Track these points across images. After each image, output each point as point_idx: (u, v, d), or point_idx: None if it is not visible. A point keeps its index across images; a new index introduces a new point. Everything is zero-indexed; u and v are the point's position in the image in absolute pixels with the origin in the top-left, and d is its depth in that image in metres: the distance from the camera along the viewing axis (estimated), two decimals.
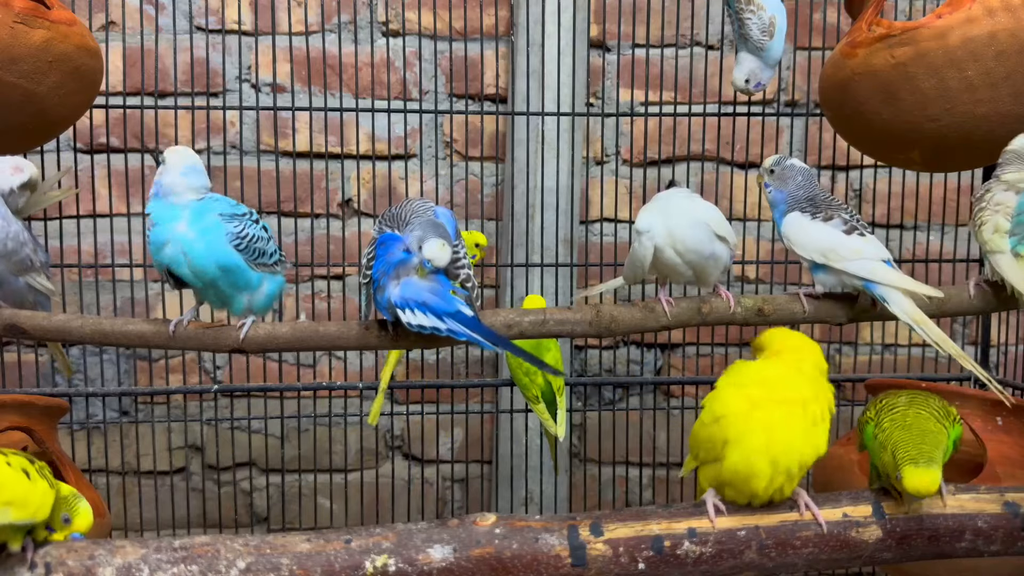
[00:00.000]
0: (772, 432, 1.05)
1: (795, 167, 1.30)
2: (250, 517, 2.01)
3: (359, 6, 1.92)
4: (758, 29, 1.35)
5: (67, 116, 1.33)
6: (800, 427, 1.06)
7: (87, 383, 1.86)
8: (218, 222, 1.17)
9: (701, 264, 1.23)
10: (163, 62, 1.85)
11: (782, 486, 1.07)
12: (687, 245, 1.22)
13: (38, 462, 1.01)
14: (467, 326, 1.10)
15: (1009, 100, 1.23)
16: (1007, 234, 1.22)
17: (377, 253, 1.16)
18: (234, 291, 1.19)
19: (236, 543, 1.03)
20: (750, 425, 1.05)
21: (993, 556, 1.14)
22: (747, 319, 1.26)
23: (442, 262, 1.12)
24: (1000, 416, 1.40)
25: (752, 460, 1.05)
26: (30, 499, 0.96)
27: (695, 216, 1.23)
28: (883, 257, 1.21)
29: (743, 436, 1.05)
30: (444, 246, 1.12)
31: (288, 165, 1.83)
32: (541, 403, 1.59)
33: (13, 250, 1.28)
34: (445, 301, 1.12)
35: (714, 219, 1.23)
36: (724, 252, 1.24)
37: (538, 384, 1.59)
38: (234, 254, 1.17)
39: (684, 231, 1.22)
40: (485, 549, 1.05)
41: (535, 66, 1.85)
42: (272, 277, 1.23)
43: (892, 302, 1.20)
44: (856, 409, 2.01)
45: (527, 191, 1.87)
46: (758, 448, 1.04)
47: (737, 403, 1.07)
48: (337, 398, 1.89)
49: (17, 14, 1.17)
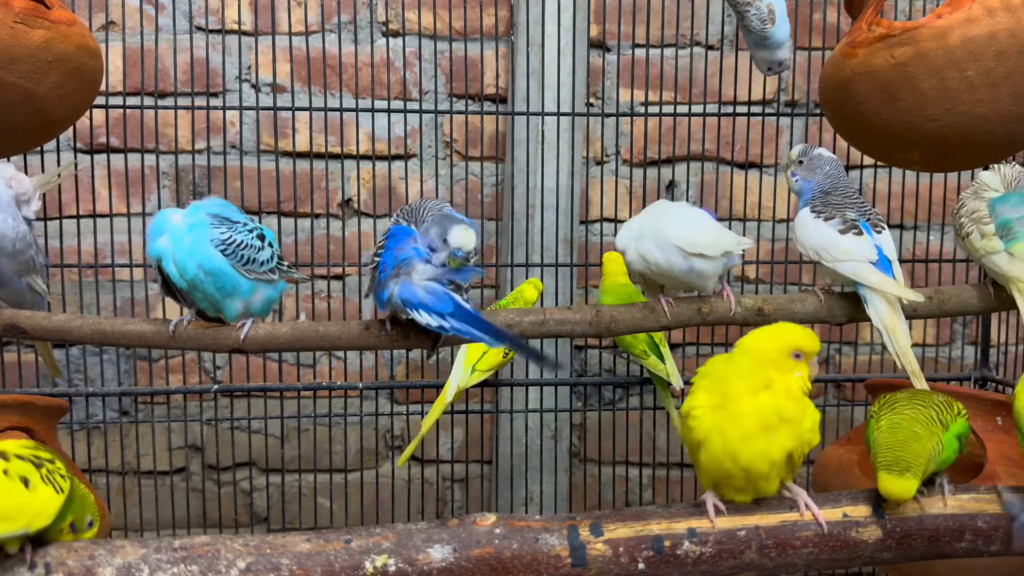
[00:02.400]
0: (726, 433, 1.04)
1: (823, 156, 1.31)
2: (250, 517, 2.01)
3: (359, 6, 1.93)
4: (758, 20, 1.35)
5: (67, 116, 1.32)
6: (757, 424, 1.03)
7: (87, 383, 1.86)
8: (205, 222, 1.17)
9: (681, 279, 1.23)
10: (163, 62, 1.85)
11: (759, 485, 1.06)
12: (661, 267, 1.21)
13: (51, 464, 0.99)
14: (470, 323, 1.10)
15: (1009, 100, 1.23)
16: (994, 235, 1.26)
17: (387, 244, 1.16)
18: (222, 296, 1.18)
19: (236, 543, 1.03)
20: (713, 425, 1.05)
21: (993, 556, 1.14)
22: (747, 319, 1.26)
23: (470, 246, 1.12)
24: (1000, 416, 1.40)
25: (720, 460, 1.04)
26: (24, 510, 0.94)
27: (665, 238, 1.21)
28: (870, 258, 1.22)
29: (709, 436, 1.05)
30: (468, 230, 1.12)
31: (288, 165, 1.83)
32: (652, 356, 1.63)
33: (20, 250, 1.29)
34: (441, 300, 1.12)
35: (687, 240, 1.20)
36: (707, 265, 1.21)
37: (642, 339, 1.63)
38: (218, 257, 1.16)
39: (654, 254, 1.21)
40: (485, 549, 1.05)
41: (535, 66, 1.85)
42: (268, 285, 1.22)
43: (870, 304, 1.21)
44: (856, 409, 2.01)
45: (527, 191, 1.87)
46: (720, 448, 1.04)
47: (700, 403, 1.07)
48: (337, 398, 1.89)
49: (17, 14, 1.17)
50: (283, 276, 1.25)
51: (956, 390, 1.48)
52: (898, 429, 1.10)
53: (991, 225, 1.27)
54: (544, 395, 1.87)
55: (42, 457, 1.00)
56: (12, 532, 0.94)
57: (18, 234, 1.28)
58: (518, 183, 1.88)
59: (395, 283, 1.13)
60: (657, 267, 1.22)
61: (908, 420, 1.11)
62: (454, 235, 1.12)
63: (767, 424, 1.03)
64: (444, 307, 1.11)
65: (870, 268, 1.21)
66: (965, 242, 1.31)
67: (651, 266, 1.22)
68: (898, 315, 1.22)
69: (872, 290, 1.21)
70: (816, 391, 2.04)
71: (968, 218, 1.30)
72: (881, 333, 1.22)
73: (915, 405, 1.13)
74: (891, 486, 1.06)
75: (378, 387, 1.89)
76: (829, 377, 2.01)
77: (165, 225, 1.17)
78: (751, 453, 1.03)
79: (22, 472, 0.96)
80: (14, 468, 0.96)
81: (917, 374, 1.22)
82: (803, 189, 1.31)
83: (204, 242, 1.16)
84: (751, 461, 1.04)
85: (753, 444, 1.03)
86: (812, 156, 1.31)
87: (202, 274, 1.16)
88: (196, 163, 1.91)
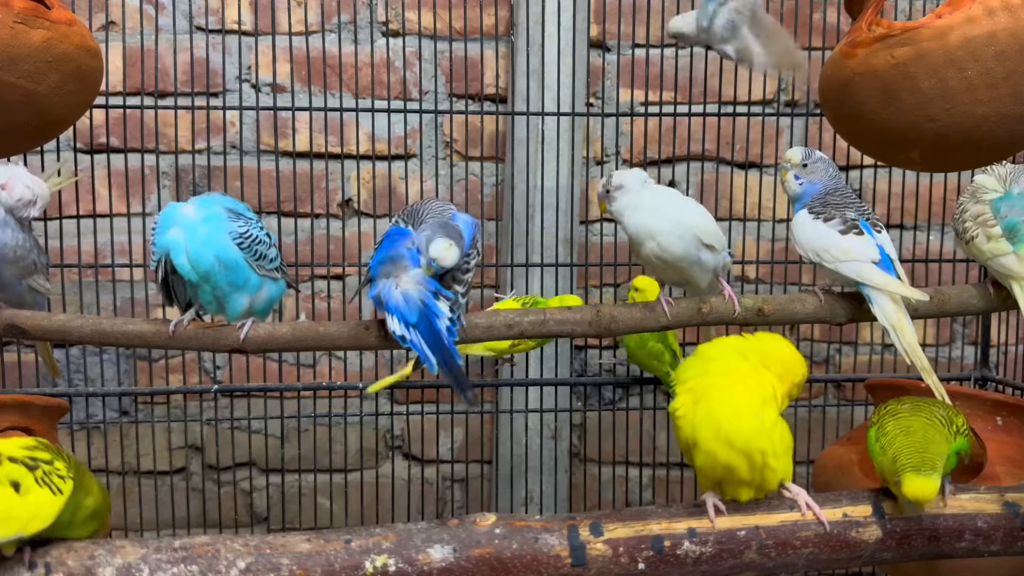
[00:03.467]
0: (717, 415, 1.04)
1: (824, 159, 1.32)
2: (250, 517, 2.01)
3: (359, 6, 1.92)
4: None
5: (67, 116, 1.32)
6: (746, 402, 1.04)
7: (87, 383, 1.86)
8: (223, 215, 1.17)
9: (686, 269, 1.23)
10: (163, 62, 1.85)
11: (761, 476, 1.05)
12: (675, 256, 1.21)
13: (48, 466, 0.98)
14: (428, 342, 1.10)
15: (1009, 100, 1.23)
16: (1001, 238, 1.26)
17: (382, 244, 1.17)
18: (232, 290, 1.18)
19: (236, 543, 1.03)
20: (699, 419, 1.05)
21: (993, 556, 1.14)
22: (747, 319, 1.26)
23: (447, 263, 1.12)
24: (1000, 416, 1.41)
25: (714, 453, 1.04)
26: (14, 515, 0.93)
27: (688, 228, 1.22)
28: (873, 258, 1.22)
29: (696, 431, 1.05)
30: (451, 247, 1.12)
31: (288, 165, 1.83)
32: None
33: (21, 257, 1.29)
34: (412, 310, 1.11)
35: (705, 229, 1.22)
36: (710, 258, 1.23)
37: (666, 362, 1.65)
38: (234, 249, 1.16)
39: (675, 245, 1.21)
40: (485, 549, 1.05)
41: (535, 66, 1.85)
42: (273, 282, 1.22)
43: (875, 303, 1.22)
44: (856, 409, 2.01)
45: (527, 191, 1.87)
46: (712, 438, 1.04)
47: (681, 403, 1.07)
48: (337, 398, 1.89)
49: (17, 14, 1.17)
50: (284, 277, 1.25)
51: (956, 390, 1.47)
52: (913, 432, 1.09)
53: (997, 227, 1.26)
54: (544, 395, 1.87)
55: (39, 458, 0.98)
56: (4, 538, 0.93)
57: (17, 242, 1.28)
58: (518, 183, 1.88)
59: (383, 283, 1.13)
60: (672, 256, 1.22)
61: (921, 424, 1.10)
62: (434, 247, 1.12)
63: (752, 395, 1.04)
64: (411, 317, 1.11)
65: (873, 268, 1.21)
66: (969, 246, 1.30)
67: (665, 254, 1.22)
68: (903, 313, 1.22)
69: (877, 290, 1.21)
70: (816, 391, 2.04)
71: (972, 221, 1.29)
72: (888, 332, 1.22)
73: (919, 416, 1.12)
74: (919, 487, 1.03)
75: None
76: (829, 377, 2.01)
77: (177, 217, 1.16)
78: (747, 432, 1.03)
79: (13, 476, 0.95)
80: (4, 472, 0.95)
81: (927, 370, 1.21)
82: (805, 192, 1.31)
83: (222, 234, 1.15)
84: (747, 441, 1.03)
85: (744, 421, 1.03)
86: (815, 159, 1.31)
87: (217, 266, 1.15)
88: (196, 163, 1.91)
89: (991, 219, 1.27)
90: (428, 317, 1.11)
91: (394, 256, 1.14)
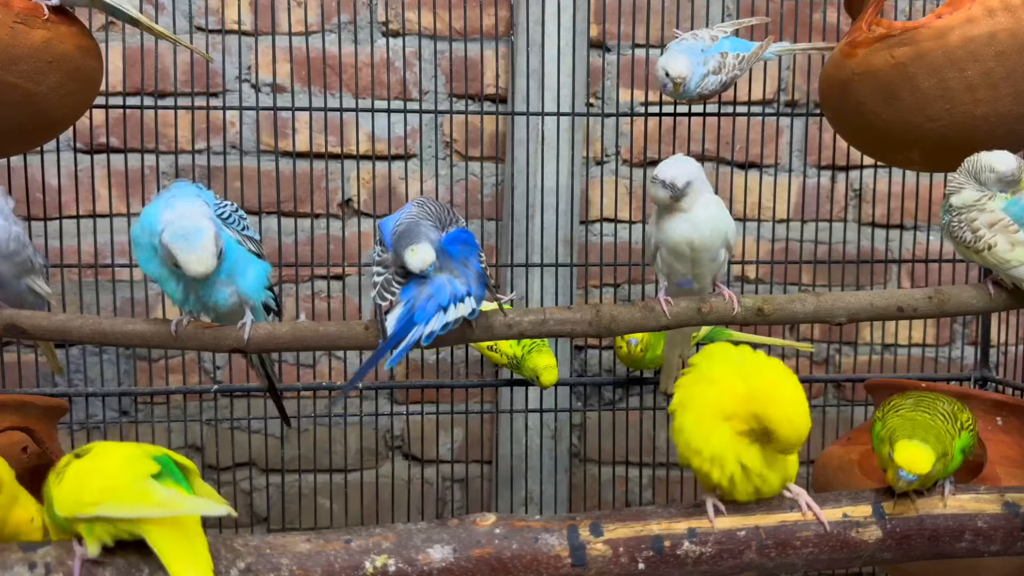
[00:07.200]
0: (689, 425, 1.05)
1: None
2: (250, 517, 2.01)
3: (359, 6, 1.93)
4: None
5: (67, 116, 1.32)
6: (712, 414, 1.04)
7: (87, 383, 1.85)
8: (196, 190, 1.19)
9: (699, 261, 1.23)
10: (163, 62, 1.85)
11: (749, 483, 1.05)
12: (698, 246, 1.22)
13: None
14: (388, 344, 1.10)
15: (1009, 100, 1.24)
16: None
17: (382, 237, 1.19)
18: (226, 267, 1.15)
19: (236, 543, 1.03)
20: (676, 424, 1.06)
21: (993, 556, 1.14)
22: (747, 319, 1.26)
23: (416, 267, 1.12)
24: (1000, 416, 1.41)
25: (690, 460, 1.06)
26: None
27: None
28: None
29: (691, 440, 1.06)
30: (415, 252, 1.12)
31: (288, 165, 1.83)
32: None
33: (15, 251, 1.28)
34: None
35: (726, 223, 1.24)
36: (720, 253, 1.24)
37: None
38: (217, 221, 1.16)
39: (703, 234, 1.22)
40: (485, 549, 1.05)
41: (535, 66, 1.85)
42: (257, 260, 1.21)
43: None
44: (856, 409, 2.01)
45: (527, 191, 1.87)
46: (683, 446, 1.06)
47: (674, 404, 1.09)
48: (337, 398, 1.89)
49: (17, 14, 1.17)
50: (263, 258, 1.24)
51: (956, 390, 1.48)
52: (914, 418, 1.10)
53: (1021, 232, 1.20)
54: (544, 395, 1.87)
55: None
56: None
57: (11, 235, 1.27)
58: (518, 183, 1.88)
59: (440, 277, 1.14)
60: (706, 247, 1.22)
61: (925, 416, 1.11)
62: (407, 258, 1.12)
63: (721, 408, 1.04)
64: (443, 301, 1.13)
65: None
66: (984, 254, 1.24)
67: (694, 242, 1.21)
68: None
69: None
70: (816, 391, 2.04)
71: (987, 228, 1.23)
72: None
73: (922, 410, 1.12)
74: (911, 453, 1.04)
75: (378, 387, 1.89)
76: (829, 377, 2.01)
77: (164, 201, 1.17)
78: (714, 443, 1.04)
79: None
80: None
81: None
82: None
83: (201, 206, 1.16)
84: (715, 451, 1.04)
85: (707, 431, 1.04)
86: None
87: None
88: (196, 163, 1.90)
89: (1011, 224, 1.21)
90: (402, 313, 1.12)
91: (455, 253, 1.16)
